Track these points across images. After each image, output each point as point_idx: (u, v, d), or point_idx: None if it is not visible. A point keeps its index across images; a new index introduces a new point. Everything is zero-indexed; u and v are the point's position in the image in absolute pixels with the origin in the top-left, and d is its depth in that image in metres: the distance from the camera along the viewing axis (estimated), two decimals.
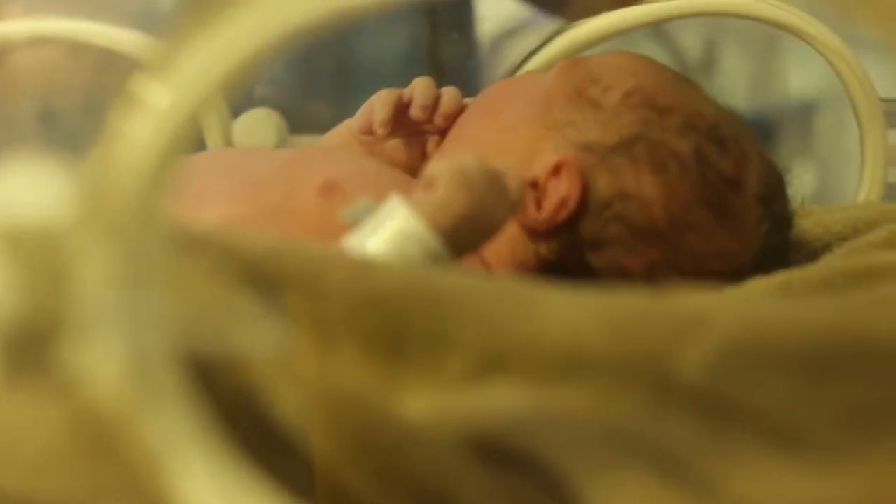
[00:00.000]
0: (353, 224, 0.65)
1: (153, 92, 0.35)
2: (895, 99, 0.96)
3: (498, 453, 0.45)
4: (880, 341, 0.44)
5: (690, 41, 2.09)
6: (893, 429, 0.43)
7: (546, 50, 1.01)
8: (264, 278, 0.54)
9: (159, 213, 0.35)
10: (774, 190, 0.78)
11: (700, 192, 0.75)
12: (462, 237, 0.67)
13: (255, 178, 0.79)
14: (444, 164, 0.68)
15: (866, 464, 0.42)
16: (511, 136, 0.79)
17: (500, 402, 0.48)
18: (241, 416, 0.43)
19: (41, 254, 0.35)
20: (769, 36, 1.88)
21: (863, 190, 0.94)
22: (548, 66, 1.00)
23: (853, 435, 0.43)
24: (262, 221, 0.76)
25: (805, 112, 1.99)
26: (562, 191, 0.74)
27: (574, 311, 0.48)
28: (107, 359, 0.35)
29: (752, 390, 0.44)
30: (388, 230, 0.65)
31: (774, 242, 0.77)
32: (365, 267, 0.52)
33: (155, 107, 0.35)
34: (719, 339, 0.45)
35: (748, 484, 0.43)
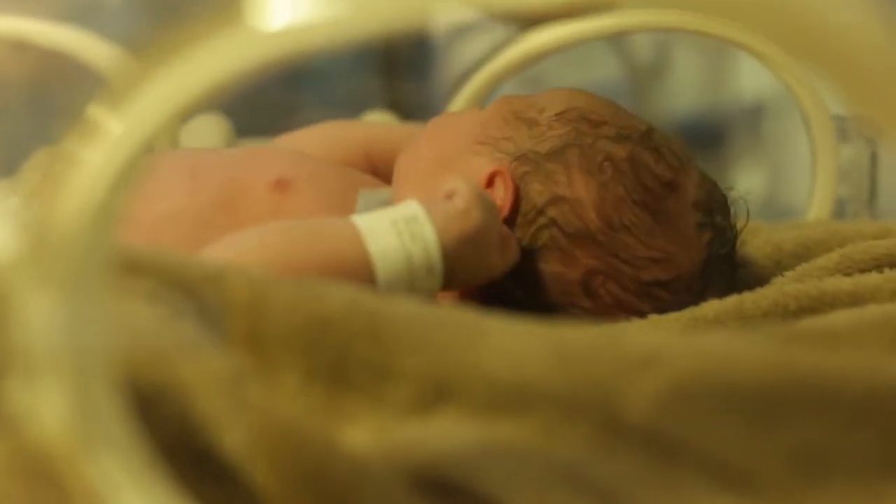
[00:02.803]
0: (362, 209, 0.66)
1: (109, 120, 0.34)
2: (845, 115, 0.96)
3: (443, 487, 0.44)
4: (829, 382, 0.43)
5: (642, 44, 2.09)
6: (842, 471, 0.42)
7: (501, 58, 1.01)
8: (206, 301, 0.53)
9: (106, 245, 0.35)
10: (715, 202, 0.78)
11: (635, 193, 0.75)
12: (461, 259, 0.68)
13: (206, 174, 0.78)
14: (464, 182, 0.70)
15: None
16: (449, 155, 0.79)
17: (444, 434, 0.47)
18: (186, 449, 0.42)
19: None
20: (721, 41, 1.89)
21: (814, 205, 0.94)
22: (502, 74, 1.00)
23: (802, 477, 0.42)
24: (212, 215, 0.76)
25: (756, 116, 2.00)
26: (496, 199, 0.74)
27: (521, 343, 0.47)
28: (49, 398, 0.35)
29: (701, 429, 0.43)
30: (399, 222, 0.66)
31: (720, 254, 0.76)
32: (308, 290, 0.51)
33: (109, 134, 0.34)
34: (668, 377, 0.44)
35: None
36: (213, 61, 0.33)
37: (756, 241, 0.77)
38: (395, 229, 0.67)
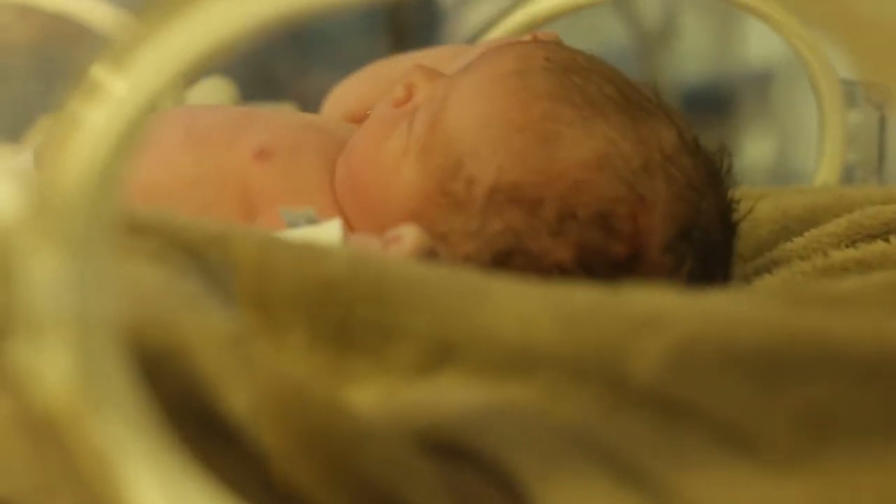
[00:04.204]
0: (289, 225, 0.64)
1: (112, 80, 0.34)
2: (853, 80, 0.96)
3: (448, 449, 0.45)
4: (836, 343, 0.43)
5: (649, 8, 2.08)
6: (849, 433, 0.42)
7: (508, 21, 1.00)
8: (210, 262, 0.53)
9: (110, 206, 0.35)
10: (693, 213, 0.68)
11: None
12: None
13: (198, 136, 0.77)
14: (418, 232, 0.63)
15: (821, 468, 0.41)
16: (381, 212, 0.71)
17: (450, 396, 0.47)
18: (191, 409, 0.42)
19: None
20: (729, 5, 1.87)
21: (821, 170, 0.93)
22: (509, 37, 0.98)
23: (809, 439, 0.42)
24: (199, 181, 0.75)
25: (764, 82, 1.99)
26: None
27: (526, 305, 0.47)
28: (54, 359, 0.35)
29: (706, 391, 0.43)
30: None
31: (705, 257, 0.68)
32: (313, 251, 0.50)
33: (112, 95, 0.34)
34: (674, 337, 0.44)
35: (701, 487, 0.42)
36: (218, 19, 0.33)
37: (764, 205, 0.77)
38: None
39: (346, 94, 0.93)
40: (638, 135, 0.67)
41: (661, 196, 0.66)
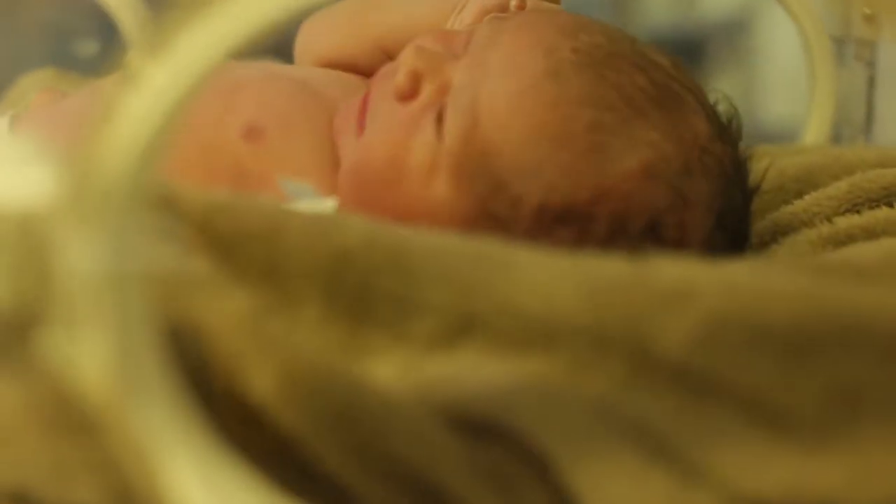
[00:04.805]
0: (288, 195, 0.62)
1: (151, 68, 0.33)
2: (842, 38, 0.95)
3: (475, 425, 0.44)
4: (866, 317, 0.43)
5: None
6: (879, 409, 0.42)
7: None
8: (218, 233, 0.52)
9: (148, 194, 0.34)
10: (727, 201, 0.67)
11: None
12: None
13: (196, 109, 0.74)
14: None
15: (852, 444, 0.41)
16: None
17: (474, 370, 0.46)
18: (211, 390, 0.41)
19: (22, 240, 0.34)
20: None
21: (810, 129, 0.93)
22: None
23: (838, 414, 0.42)
24: (188, 166, 0.71)
25: (733, 29, 1.98)
26: None
27: (549, 277, 0.46)
28: (92, 349, 0.34)
29: (735, 366, 0.43)
30: None
31: (734, 238, 0.69)
32: (327, 222, 0.49)
33: (151, 83, 0.33)
34: (702, 312, 0.43)
35: (731, 463, 0.42)
36: (256, 6, 0.32)
37: (759, 166, 0.76)
38: None
39: (317, 37, 0.88)
40: (676, 131, 0.65)
41: (703, 194, 0.65)
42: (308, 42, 0.89)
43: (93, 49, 1.46)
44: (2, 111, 0.95)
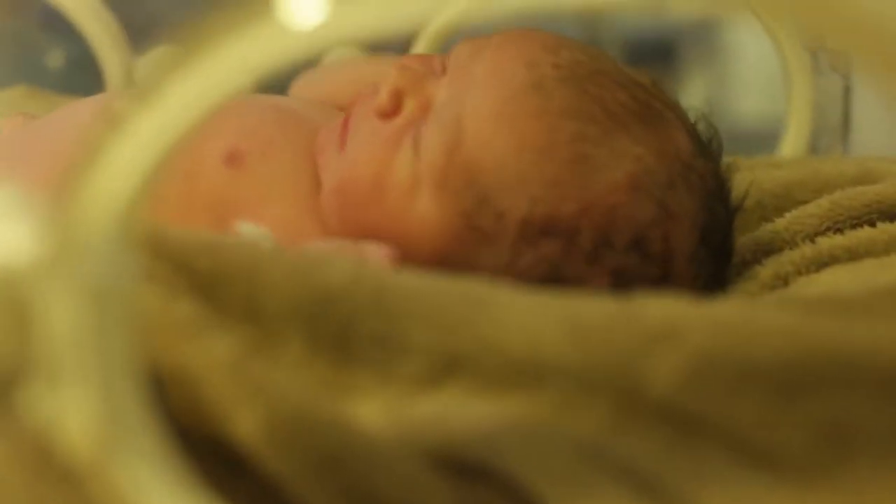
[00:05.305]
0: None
1: (136, 118, 0.32)
2: (817, 47, 0.95)
3: (461, 465, 0.44)
4: (855, 355, 0.43)
5: None
6: (868, 448, 0.42)
7: None
8: (200, 274, 0.51)
9: (132, 248, 0.33)
10: (711, 217, 0.67)
11: None
12: None
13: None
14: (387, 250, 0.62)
15: (841, 484, 0.41)
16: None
17: (458, 410, 0.46)
18: (198, 438, 0.41)
19: (3, 295, 0.33)
20: None
21: (788, 139, 0.93)
22: None
23: (827, 454, 0.42)
24: (170, 188, 0.69)
25: (703, 29, 1.98)
26: None
27: (534, 316, 0.46)
28: (75, 404, 0.34)
29: (723, 405, 0.43)
30: None
31: (717, 256, 0.69)
32: (309, 263, 0.49)
33: (138, 132, 0.32)
34: (689, 351, 0.43)
35: (720, 503, 0.42)
36: (244, 56, 0.32)
37: (738, 180, 0.76)
38: None
39: (314, 90, 0.88)
40: (658, 145, 0.65)
41: (687, 208, 0.65)
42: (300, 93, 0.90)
43: (60, 60, 1.45)
44: None
